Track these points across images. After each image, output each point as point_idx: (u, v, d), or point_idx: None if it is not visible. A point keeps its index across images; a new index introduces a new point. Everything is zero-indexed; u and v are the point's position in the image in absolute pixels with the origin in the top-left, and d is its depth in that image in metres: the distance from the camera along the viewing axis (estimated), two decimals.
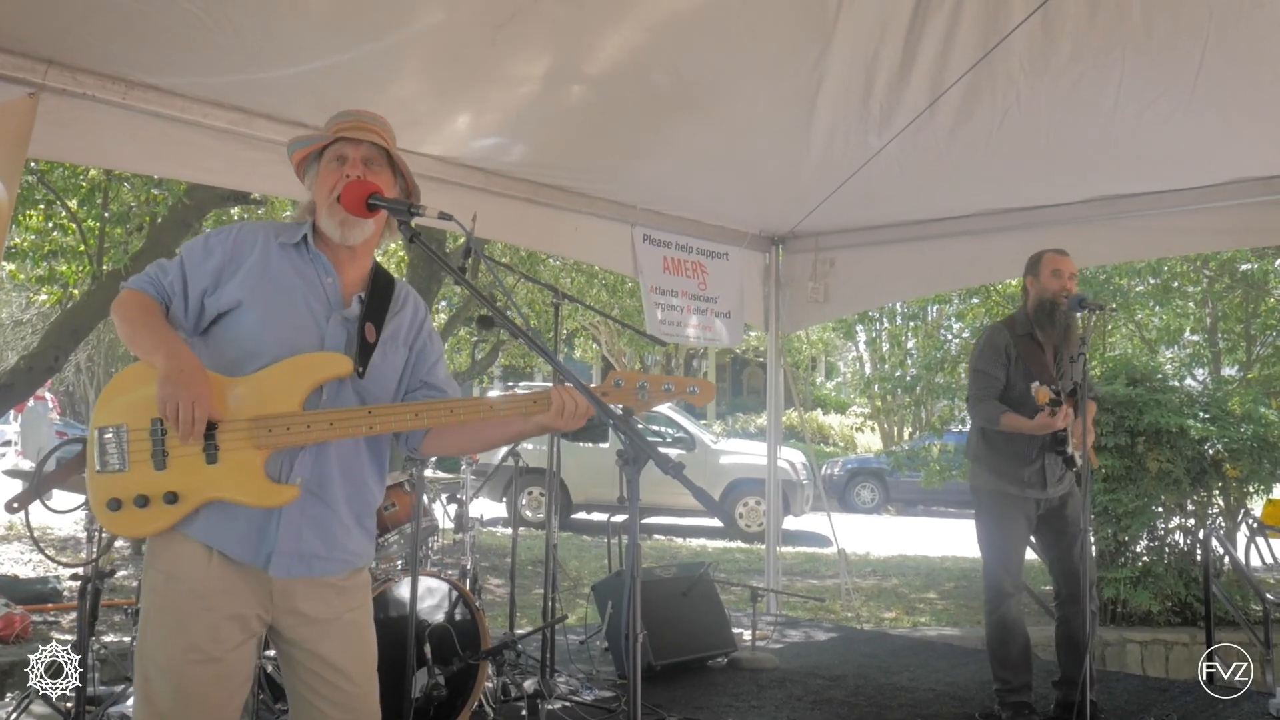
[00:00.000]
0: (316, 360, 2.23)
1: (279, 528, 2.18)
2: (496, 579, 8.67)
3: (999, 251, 6.07)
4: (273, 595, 2.22)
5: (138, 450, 2.12)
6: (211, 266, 2.24)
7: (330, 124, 2.35)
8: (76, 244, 8.44)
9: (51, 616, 6.52)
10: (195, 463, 2.12)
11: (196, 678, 2.13)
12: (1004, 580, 4.42)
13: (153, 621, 2.18)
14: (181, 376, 2.08)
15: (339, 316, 2.30)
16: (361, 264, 2.38)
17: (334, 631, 2.28)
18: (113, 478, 2.11)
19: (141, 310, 2.21)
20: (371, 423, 2.22)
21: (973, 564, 11.13)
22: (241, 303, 2.21)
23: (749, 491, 13.37)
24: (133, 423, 2.13)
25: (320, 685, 2.27)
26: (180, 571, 2.16)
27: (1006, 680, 4.45)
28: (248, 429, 2.14)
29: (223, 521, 2.15)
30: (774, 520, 7.35)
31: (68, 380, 23.56)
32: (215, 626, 2.15)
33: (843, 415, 27.52)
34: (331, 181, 2.27)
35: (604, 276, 14.56)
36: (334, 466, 2.26)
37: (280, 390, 2.17)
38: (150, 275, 2.26)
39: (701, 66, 4.41)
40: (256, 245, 2.27)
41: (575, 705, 4.51)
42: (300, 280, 2.28)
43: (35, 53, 3.63)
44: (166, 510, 2.11)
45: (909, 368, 13.75)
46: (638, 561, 1.85)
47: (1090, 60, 4.22)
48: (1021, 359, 4.38)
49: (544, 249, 10.33)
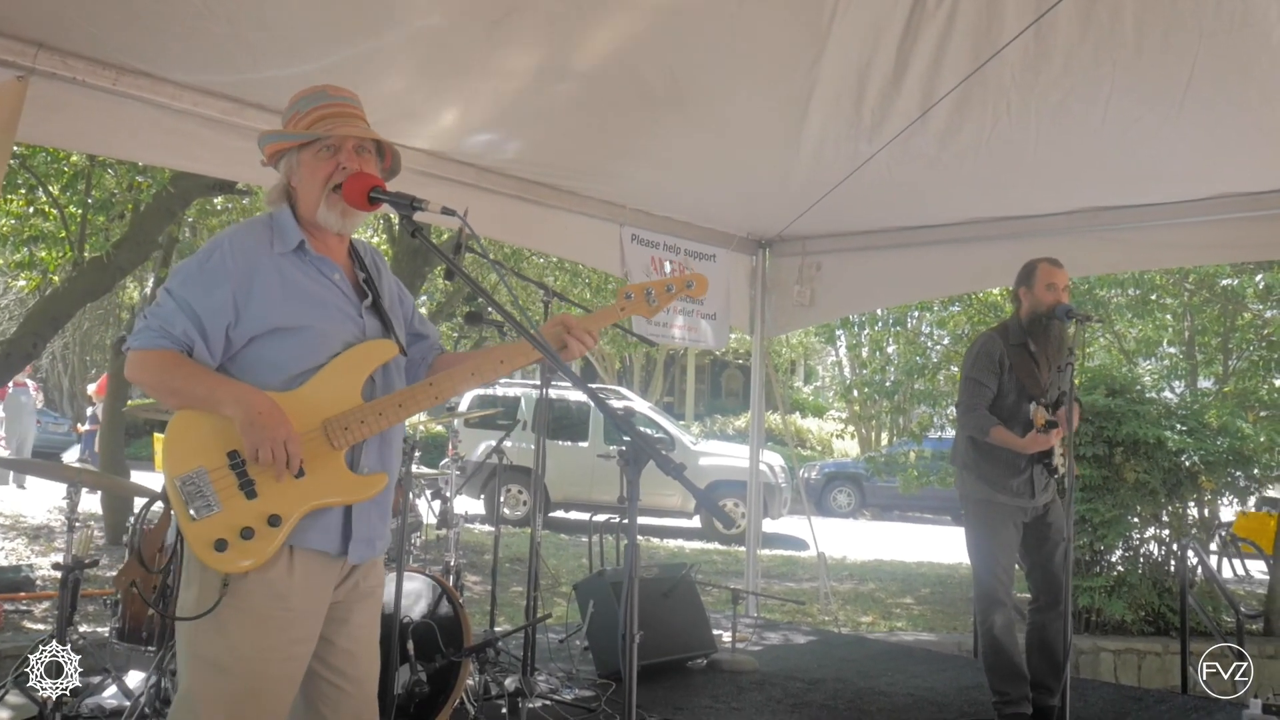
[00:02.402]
0: (365, 351, 2.26)
1: (354, 516, 2.23)
2: (474, 576, 8.64)
3: (986, 260, 6.12)
4: (342, 584, 2.27)
5: (224, 488, 2.11)
6: (221, 298, 2.14)
7: (303, 109, 2.28)
8: (58, 230, 8.35)
9: (24, 605, 6.45)
10: (286, 482, 2.12)
11: (273, 676, 2.14)
12: (997, 590, 4.40)
13: (220, 625, 2.12)
14: (262, 419, 2.07)
15: (365, 306, 2.32)
16: (344, 247, 2.38)
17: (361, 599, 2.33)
18: (210, 521, 2.09)
19: (173, 365, 2.14)
20: (436, 393, 2.28)
21: (949, 570, 11.21)
22: (280, 327, 2.18)
23: (728, 493, 13.37)
24: (209, 463, 2.12)
25: (335, 656, 2.27)
26: (260, 573, 2.12)
27: (1004, 692, 4.43)
28: (322, 434, 2.16)
29: (306, 521, 2.16)
30: (755, 522, 7.37)
31: (43, 368, 23.33)
32: (292, 630, 2.16)
33: (820, 419, 27.60)
34: (326, 171, 2.23)
35: (589, 275, 14.55)
36: (392, 449, 2.33)
37: (339, 389, 2.20)
38: (156, 329, 2.14)
39: (695, 68, 4.42)
40: (259, 262, 2.19)
41: (556, 704, 4.50)
42: (321, 288, 2.26)
43: (25, 35, 3.59)
44: (273, 533, 2.10)
45: (889, 374, 13.75)
46: (635, 562, 1.85)
47: (1080, 74, 4.26)
48: (1014, 369, 4.40)
49: (532, 246, 10.31)
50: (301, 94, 2.32)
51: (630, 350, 24.83)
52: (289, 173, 2.29)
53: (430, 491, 4.87)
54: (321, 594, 2.22)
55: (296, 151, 2.27)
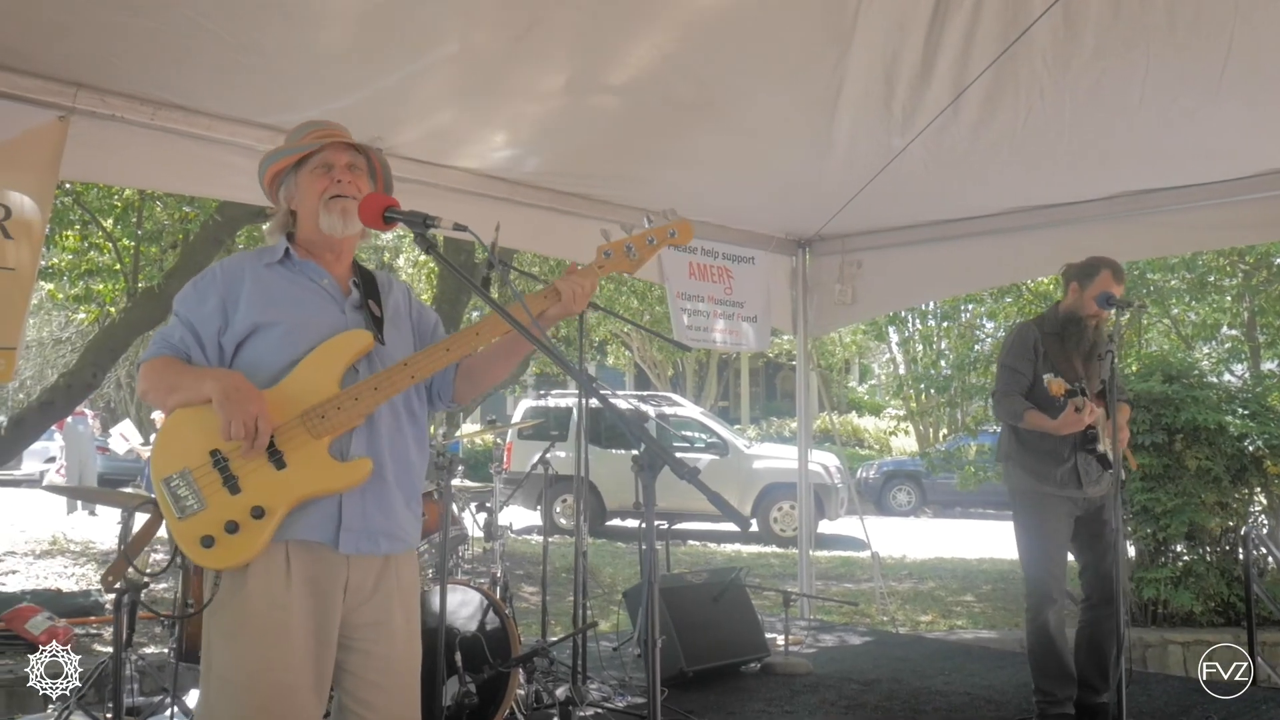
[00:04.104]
0: (340, 342, 2.30)
1: (343, 505, 2.25)
2: (530, 586, 8.70)
3: (1027, 250, 6.02)
4: (346, 589, 2.27)
5: (208, 485, 2.17)
6: (211, 307, 2.31)
7: (298, 136, 2.45)
8: (112, 263, 8.60)
9: (94, 629, 6.63)
10: (267, 474, 2.17)
11: (279, 685, 2.16)
12: (1048, 585, 4.31)
13: (229, 638, 2.19)
14: (237, 394, 2.15)
15: (349, 305, 2.40)
16: (345, 260, 2.47)
17: (389, 634, 2.33)
18: (196, 519, 2.15)
19: (168, 366, 2.28)
20: (410, 372, 2.30)
21: (1010, 566, 11.02)
22: (258, 325, 2.28)
23: (783, 496, 13.30)
24: (193, 463, 2.18)
25: (367, 691, 2.30)
26: (259, 582, 2.18)
27: (1049, 691, 4.35)
28: (301, 424, 2.20)
29: (296, 513, 2.20)
30: (806, 524, 7.32)
31: (108, 395, 23.94)
32: (294, 636, 2.18)
33: (877, 417, 27.34)
34: (320, 186, 2.36)
35: (633, 284, 14.60)
36: (384, 444, 2.33)
37: (316, 380, 2.24)
38: (160, 341, 2.33)
39: (721, 72, 4.42)
40: (245, 273, 2.35)
41: (607, 712, 4.52)
42: (301, 289, 2.36)
43: (63, 76, 3.70)
44: (258, 525, 2.15)
45: (942, 368, 13.62)
46: (654, 568, 1.85)
47: (1113, 56, 4.18)
48: (1049, 356, 4.34)
49: (569, 258, 10.33)
50: (297, 126, 2.51)
51: (682, 356, 24.83)
52: (288, 197, 2.42)
53: (475, 504, 4.91)
54: (324, 597, 2.23)
55: (293, 174, 2.40)
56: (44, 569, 9.23)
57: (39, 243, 3.86)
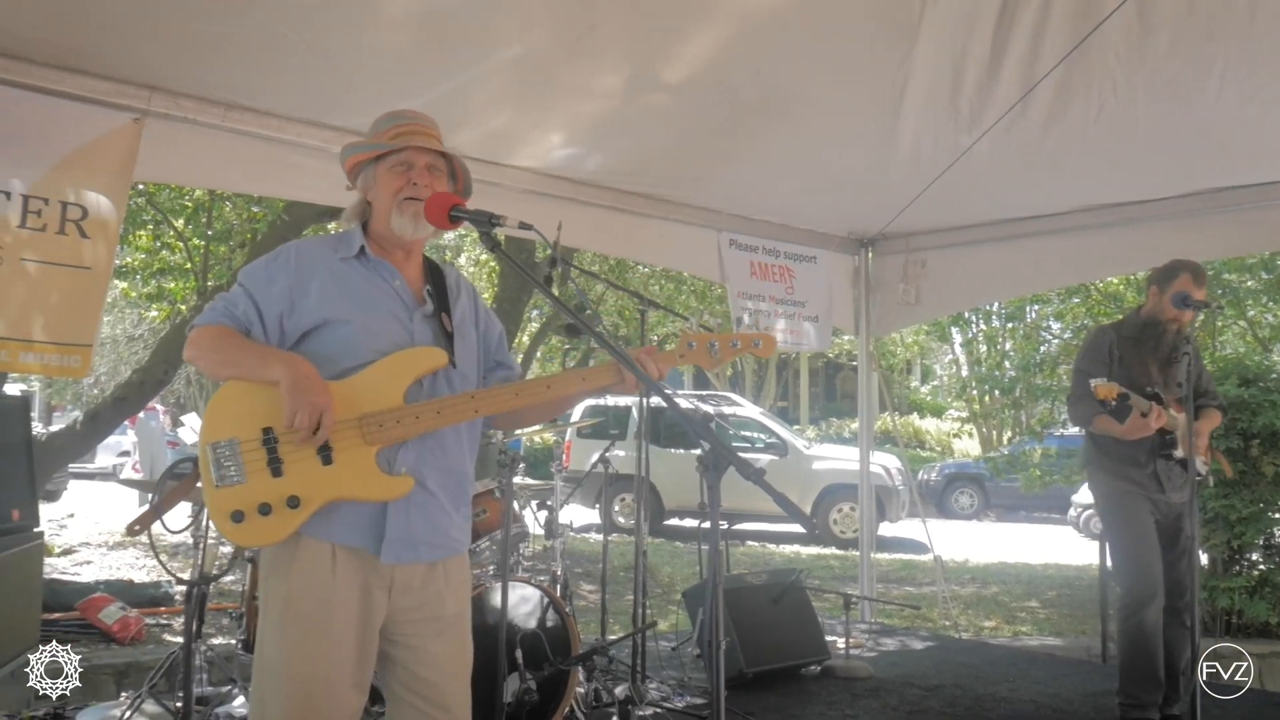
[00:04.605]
0: (415, 355, 2.30)
1: (388, 516, 2.24)
2: (589, 585, 8.72)
3: (1097, 249, 5.89)
4: (391, 590, 2.27)
5: (253, 461, 2.16)
6: (280, 290, 2.29)
7: (383, 127, 2.42)
8: (183, 262, 8.79)
9: (164, 619, 6.78)
10: (312, 466, 2.17)
11: (323, 680, 2.17)
12: (1142, 583, 4.17)
13: (278, 631, 2.22)
14: (307, 383, 2.15)
15: (420, 314, 2.38)
16: (415, 260, 2.46)
17: (437, 631, 2.33)
18: (232, 490, 2.15)
19: (229, 337, 2.26)
20: (475, 406, 2.30)
21: (1077, 571, 10.81)
22: (328, 319, 2.28)
23: (843, 497, 13.19)
24: (244, 435, 2.17)
25: (418, 685, 2.30)
26: (305, 579, 2.19)
27: (1134, 696, 4.23)
28: (357, 427, 2.20)
29: (338, 516, 2.21)
30: (867, 526, 7.24)
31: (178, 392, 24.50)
32: (337, 634, 2.19)
33: (939, 419, 26.98)
34: (396, 185, 2.34)
35: (692, 283, 14.57)
36: (435, 456, 2.32)
37: (383, 388, 2.24)
38: (219, 309, 2.30)
39: (783, 70, 4.38)
40: (319, 263, 2.33)
41: (666, 712, 4.50)
42: (375, 289, 2.35)
43: (137, 79, 3.80)
44: (290, 515, 2.15)
45: (1007, 369, 13.38)
46: (719, 569, 1.84)
47: (1190, 49, 4.08)
48: (1125, 360, 4.26)
49: (630, 256, 10.38)
50: (384, 115, 2.46)
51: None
52: (366, 187, 2.42)
53: (535, 502, 4.93)
54: (369, 598, 2.24)
55: (374, 165, 2.40)
56: (117, 560, 9.47)
57: (114, 242, 3.96)
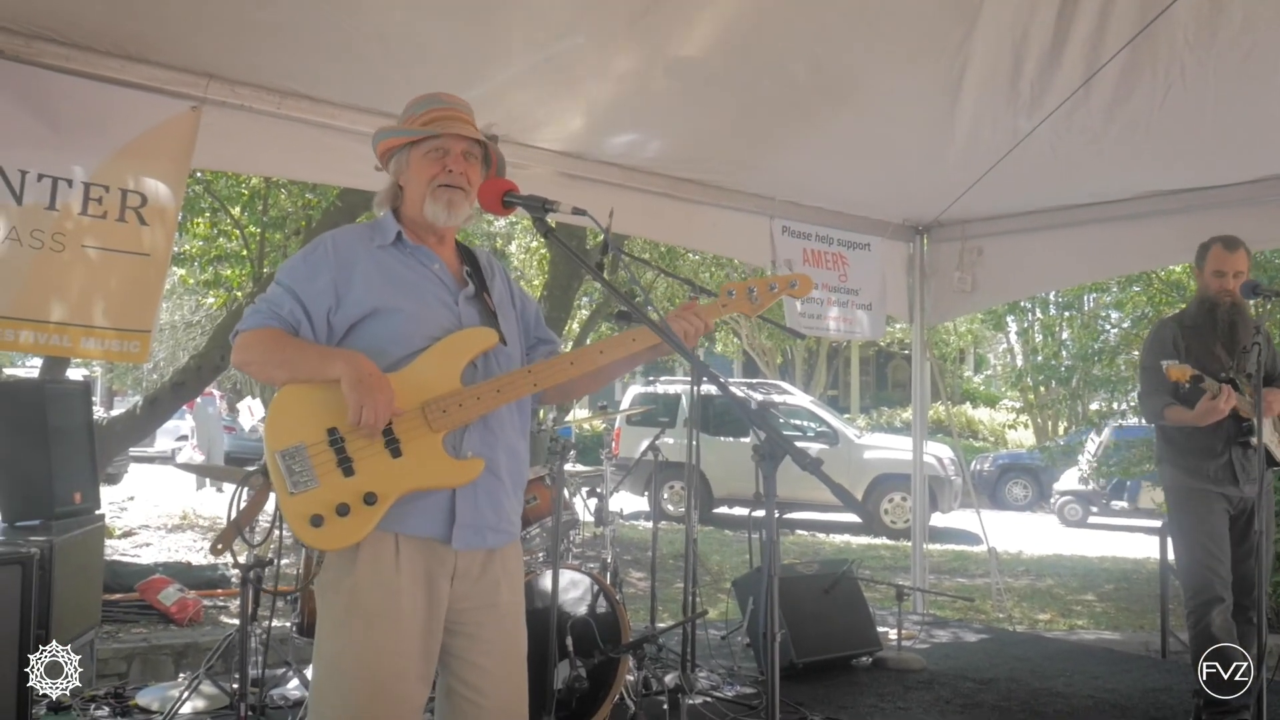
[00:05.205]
0: (466, 337, 2.30)
1: (457, 502, 2.24)
2: (638, 572, 8.73)
3: (1159, 237, 5.75)
4: (454, 577, 2.26)
5: (323, 464, 2.15)
6: (323, 284, 2.26)
7: (416, 111, 2.39)
8: (239, 249, 8.90)
9: (221, 601, 6.91)
10: (382, 460, 2.17)
11: (389, 673, 2.17)
12: (1212, 583, 4.08)
13: (344, 624, 2.20)
14: (371, 379, 2.13)
15: (463, 296, 2.37)
16: (449, 244, 2.45)
17: (495, 618, 2.33)
18: (308, 495, 2.13)
19: (280, 339, 2.24)
20: (534, 380, 2.30)
21: (1135, 565, 10.61)
22: (377, 309, 2.26)
23: (894, 487, 13.06)
24: (309, 439, 2.16)
25: (474, 674, 2.30)
26: (372, 571, 2.18)
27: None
28: (421, 415, 2.20)
29: (410, 507, 2.20)
30: (920, 517, 7.16)
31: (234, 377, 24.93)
32: (403, 625, 2.18)
33: (993, 409, 26.61)
34: (432, 171, 2.33)
35: (743, 270, 14.47)
36: (497, 437, 2.32)
37: (438, 373, 2.24)
38: (266, 311, 2.26)
39: (839, 54, 4.32)
40: (359, 253, 2.31)
41: (716, 700, 4.49)
42: (417, 275, 2.34)
43: (195, 68, 3.83)
44: (368, 512, 2.14)
45: (1063, 359, 13.13)
46: (776, 559, 1.81)
47: (1264, 29, 3.95)
48: (1189, 351, 4.15)
49: (681, 243, 10.34)
50: (417, 98, 2.43)
51: (791, 344, 24.58)
52: (398, 171, 2.39)
53: (586, 490, 4.93)
54: (433, 588, 2.23)
55: (407, 151, 2.37)
56: (175, 542, 9.68)
57: (172, 229, 4.01)
